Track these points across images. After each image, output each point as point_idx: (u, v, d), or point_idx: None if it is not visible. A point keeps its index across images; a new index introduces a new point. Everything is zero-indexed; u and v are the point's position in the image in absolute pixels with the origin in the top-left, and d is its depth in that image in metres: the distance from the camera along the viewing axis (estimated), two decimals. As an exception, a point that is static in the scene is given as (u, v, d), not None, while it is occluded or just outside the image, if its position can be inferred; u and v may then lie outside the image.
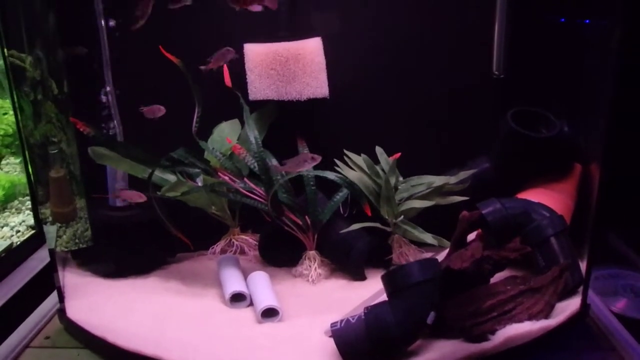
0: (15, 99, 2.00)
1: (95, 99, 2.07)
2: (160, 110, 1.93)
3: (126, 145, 2.01)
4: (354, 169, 2.09)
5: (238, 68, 2.05)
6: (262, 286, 1.90)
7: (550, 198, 2.03)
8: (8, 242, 2.18)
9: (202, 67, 1.89)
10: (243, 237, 2.19)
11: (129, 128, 2.10)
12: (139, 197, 1.89)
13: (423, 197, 2.02)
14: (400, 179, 2.11)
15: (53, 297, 1.96)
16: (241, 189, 1.99)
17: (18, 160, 2.85)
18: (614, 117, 1.84)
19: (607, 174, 1.93)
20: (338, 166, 2.10)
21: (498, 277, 1.80)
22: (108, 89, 2.05)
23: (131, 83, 2.06)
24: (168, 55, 1.95)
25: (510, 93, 2.17)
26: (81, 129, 1.89)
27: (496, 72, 2.13)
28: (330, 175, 1.97)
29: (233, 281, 1.93)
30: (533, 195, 2.05)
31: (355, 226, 1.97)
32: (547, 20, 2.14)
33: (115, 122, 2.06)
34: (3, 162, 2.85)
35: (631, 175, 2.08)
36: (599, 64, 2.02)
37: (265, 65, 2.02)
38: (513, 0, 2.07)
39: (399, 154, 2.11)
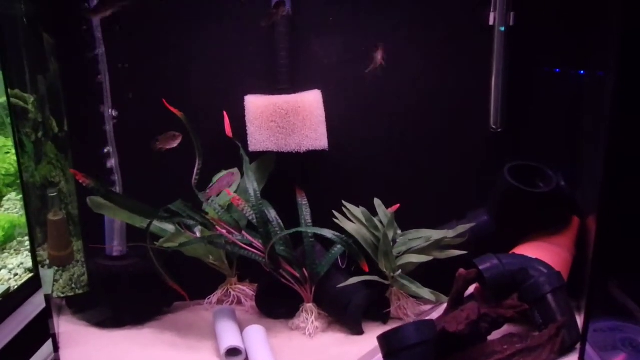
0: (17, 139, 2.01)
1: (95, 137, 2.08)
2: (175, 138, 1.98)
3: (124, 197, 2.01)
4: (352, 221, 2.10)
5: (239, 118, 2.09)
6: (258, 341, 1.88)
7: (548, 252, 2.04)
8: (5, 286, 2.17)
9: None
10: (240, 287, 2.18)
11: (128, 176, 2.12)
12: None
13: (421, 252, 2.02)
14: (399, 232, 2.11)
15: (48, 345, 1.94)
16: (239, 242, 1.99)
17: (19, 197, 2.86)
18: (610, 167, 1.86)
19: (605, 224, 1.94)
20: (336, 218, 2.10)
21: (495, 334, 1.80)
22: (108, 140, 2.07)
23: (132, 132, 2.08)
24: (171, 108, 1.98)
25: (507, 146, 2.19)
26: (80, 181, 1.90)
27: (494, 126, 2.16)
28: (327, 233, 1.97)
29: (229, 335, 1.91)
30: (531, 249, 2.05)
31: (353, 280, 1.96)
32: (543, 72, 2.18)
33: (115, 173, 2.07)
34: (4, 198, 2.85)
35: (631, 220, 2.08)
36: (594, 115, 2.05)
37: (265, 117, 2.04)
38: (508, 53, 2.10)
39: (398, 205, 2.12)
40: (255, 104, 2.06)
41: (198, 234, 2.05)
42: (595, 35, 2.03)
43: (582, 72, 2.17)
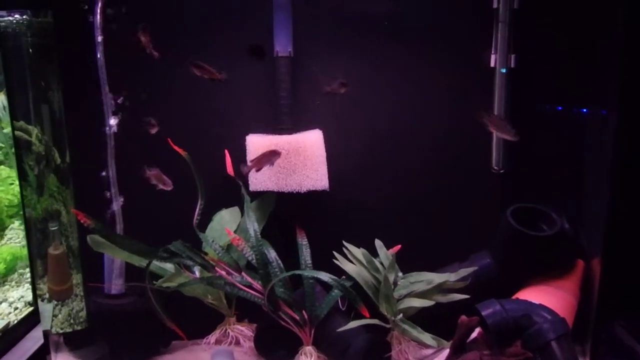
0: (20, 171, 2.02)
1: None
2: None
3: (124, 236, 2.01)
4: (352, 262, 2.07)
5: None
6: (256, 386, 1.85)
7: (552, 296, 2.00)
8: (5, 321, 2.15)
9: None
10: (239, 327, 2.16)
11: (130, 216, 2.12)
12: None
13: (423, 295, 1.98)
14: (400, 274, 2.08)
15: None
16: (238, 284, 1.97)
17: (22, 227, 2.85)
18: (615, 207, 1.84)
19: (610, 266, 1.91)
20: (337, 259, 2.08)
21: (498, 383, 1.76)
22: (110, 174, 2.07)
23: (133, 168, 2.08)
24: (176, 147, 1.99)
25: (509, 187, 2.17)
26: (82, 221, 1.89)
27: (496, 167, 2.14)
28: (325, 276, 1.95)
29: (226, 379, 1.89)
30: (535, 294, 2.02)
31: (354, 324, 1.93)
32: (545, 111, 2.17)
33: (116, 211, 2.07)
34: (7, 227, 2.85)
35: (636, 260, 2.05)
36: (598, 154, 2.03)
37: (266, 157, 2.04)
38: (510, 94, 2.10)
39: (399, 246, 2.10)
40: (256, 144, 2.06)
41: (197, 274, 2.04)
42: (598, 73, 2.03)
43: (584, 110, 2.16)
